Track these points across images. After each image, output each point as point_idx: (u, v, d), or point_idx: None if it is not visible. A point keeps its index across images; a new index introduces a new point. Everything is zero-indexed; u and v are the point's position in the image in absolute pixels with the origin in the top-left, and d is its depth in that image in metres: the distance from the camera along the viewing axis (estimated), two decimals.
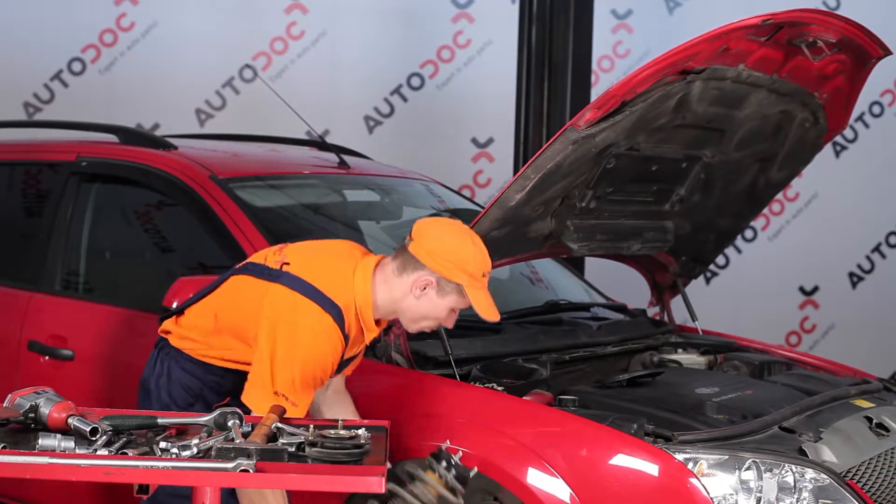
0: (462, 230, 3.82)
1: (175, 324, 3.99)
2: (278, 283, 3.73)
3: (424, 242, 3.73)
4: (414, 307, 3.77)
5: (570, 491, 3.81)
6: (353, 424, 3.11)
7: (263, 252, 3.99)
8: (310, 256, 3.85)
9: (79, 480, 2.83)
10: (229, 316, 3.87)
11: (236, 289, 3.89)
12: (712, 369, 5.03)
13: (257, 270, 3.85)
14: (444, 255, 3.70)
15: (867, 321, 9.26)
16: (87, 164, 5.39)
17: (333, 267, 3.80)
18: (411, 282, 3.73)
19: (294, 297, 3.69)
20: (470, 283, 3.71)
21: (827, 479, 3.88)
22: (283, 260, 3.82)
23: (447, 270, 3.69)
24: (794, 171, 5.17)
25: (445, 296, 3.74)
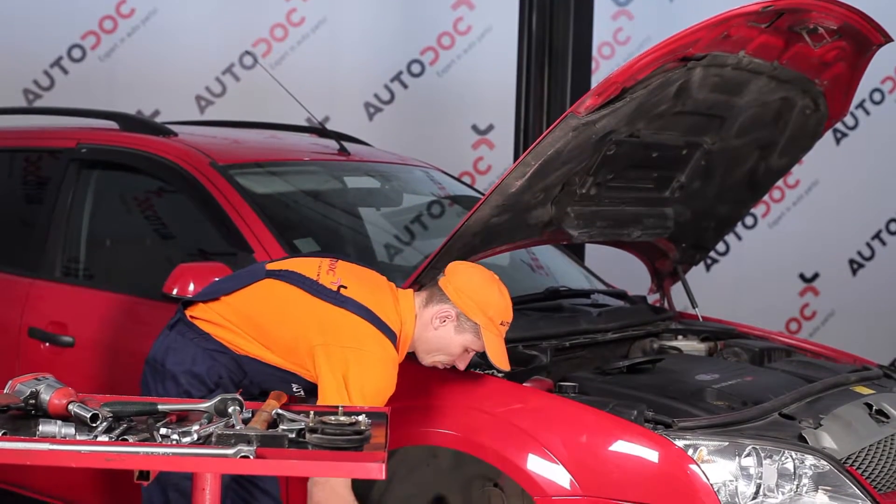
0: (492, 278, 3.96)
1: (207, 311, 3.94)
2: (344, 309, 3.78)
3: (454, 279, 3.90)
4: (431, 339, 3.90)
5: (570, 477, 3.81)
6: (354, 411, 3.10)
7: (309, 263, 3.97)
8: (362, 282, 3.92)
9: (79, 467, 2.83)
10: (273, 325, 3.85)
11: (281, 298, 3.87)
12: (712, 356, 5.03)
13: (311, 287, 3.85)
14: (469, 293, 3.86)
15: (867, 308, 9.26)
16: (86, 150, 5.39)
17: (383, 295, 3.91)
18: (433, 313, 3.87)
19: (361, 324, 3.77)
20: (487, 326, 3.85)
21: (827, 466, 3.88)
22: (340, 283, 3.86)
23: (468, 308, 3.84)
24: (795, 158, 5.17)
25: (462, 333, 3.87)
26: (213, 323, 3.89)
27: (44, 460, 2.76)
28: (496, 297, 3.90)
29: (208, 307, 3.93)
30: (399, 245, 5.60)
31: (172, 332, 3.97)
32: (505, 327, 3.93)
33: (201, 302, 3.97)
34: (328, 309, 3.79)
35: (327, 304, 3.80)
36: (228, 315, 3.89)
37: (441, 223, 5.64)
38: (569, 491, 3.81)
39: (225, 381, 3.86)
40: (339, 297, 3.81)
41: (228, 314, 3.89)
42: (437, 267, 4.25)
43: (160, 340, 4.00)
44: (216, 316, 3.90)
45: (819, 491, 3.87)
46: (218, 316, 3.90)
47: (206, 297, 3.98)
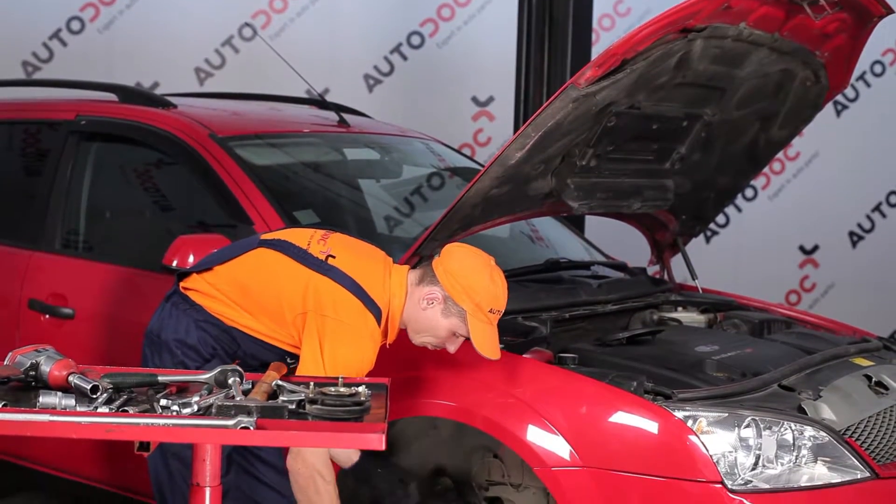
0: (486, 264, 3.86)
1: (200, 282, 3.95)
2: (326, 277, 3.77)
3: (446, 261, 3.83)
4: (420, 319, 3.85)
5: (570, 448, 3.82)
6: (354, 382, 3.11)
7: (301, 234, 3.97)
8: (353, 254, 3.90)
9: (80, 438, 2.84)
10: (262, 292, 3.85)
11: (270, 266, 3.87)
12: (712, 327, 5.04)
13: (298, 255, 3.84)
14: (458, 277, 3.79)
15: (867, 280, 9.26)
16: (86, 122, 5.39)
17: (374, 269, 3.86)
18: (423, 293, 3.81)
19: (342, 293, 3.74)
20: (473, 312, 3.78)
21: (826, 437, 3.90)
22: (329, 252, 3.84)
23: (456, 293, 3.78)
24: (795, 129, 5.16)
25: (448, 317, 3.81)
26: (204, 294, 3.90)
27: (44, 431, 2.76)
28: (486, 283, 3.81)
29: (201, 278, 3.94)
30: (399, 217, 5.59)
31: (168, 303, 3.98)
32: (495, 315, 3.83)
33: (195, 273, 3.97)
34: (311, 276, 3.78)
35: (311, 271, 3.79)
36: (219, 285, 3.89)
37: (441, 195, 5.63)
38: (568, 462, 3.82)
39: (219, 352, 3.87)
40: (323, 266, 3.80)
41: (219, 284, 3.90)
42: (437, 239, 4.25)
43: (157, 312, 4.01)
44: (207, 287, 3.91)
45: (818, 462, 3.89)
46: (209, 286, 3.90)
47: (200, 267, 3.99)
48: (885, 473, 3.98)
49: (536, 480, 3.99)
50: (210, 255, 4.11)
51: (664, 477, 3.73)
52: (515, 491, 4.20)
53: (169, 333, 3.90)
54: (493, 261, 3.89)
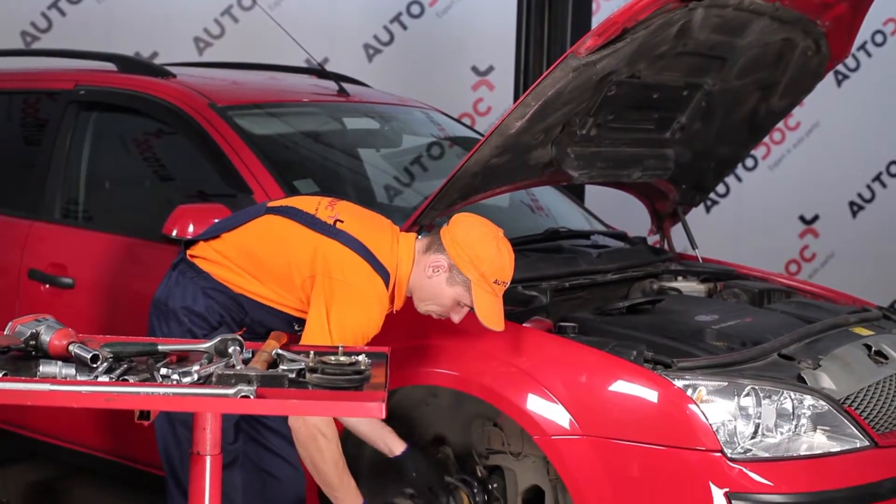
0: (493, 234, 3.86)
1: (207, 249, 3.95)
2: (335, 240, 3.77)
3: (454, 230, 3.83)
4: (425, 287, 3.85)
5: (570, 417, 3.83)
6: (354, 351, 3.11)
7: (309, 200, 3.97)
8: (361, 219, 3.90)
9: (80, 407, 2.84)
10: (270, 258, 3.85)
11: (278, 232, 3.87)
12: (712, 297, 5.04)
13: (307, 220, 3.85)
14: (464, 246, 3.78)
15: (867, 250, 9.27)
16: (85, 92, 5.38)
17: (382, 234, 3.87)
18: (429, 261, 3.81)
19: (350, 256, 3.75)
20: (478, 282, 3.78)
21: (825, 406, 3.90)
22: (337, 217, 3.85)
23: (461, 262, 3.77)
24: (796, 99, 5.15)
25: (453, 286, 3.81)
26: (211, 261, 3.90)
27: (44, 401, 2.76)
28: (492, 253, 3.81)
29: (208, 245, 3.94)
30: (399, 186, 5.58)
31: (175, 272, 3.98)
32: (500, 286, 3.83)
33: (202, 241, 3.97)
34: (320, 240, 3.78)
35: (320, 235, 3.79)
36: (226, 252, 3.89)
37: (441, 164, 5.63)
38: (568, 430, 3.82)
39: (227, 320, 3.88)
40: (332, 230, 3.80)
41: (226, 251, 3.90)
42: (437, 208, 4.25)
43: (164, 281, 4.01)
44: (214, 254, 3.91)
45: (817, 431, 3.90)
46: (216, 254, 3.90)
47: (206, 235, 3.99)
48: (885, 442, 3.99)
49: (536, 449, 4.00)
50: (216, 223, 4.11)
51: (664, 445, 3.74)
52: (515, 459, 4.21)
53: (176, 302, 3.90)
54: (502, 233, 3.89)
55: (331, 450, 3.75)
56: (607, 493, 3.78)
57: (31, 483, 5.92)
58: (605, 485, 3.78)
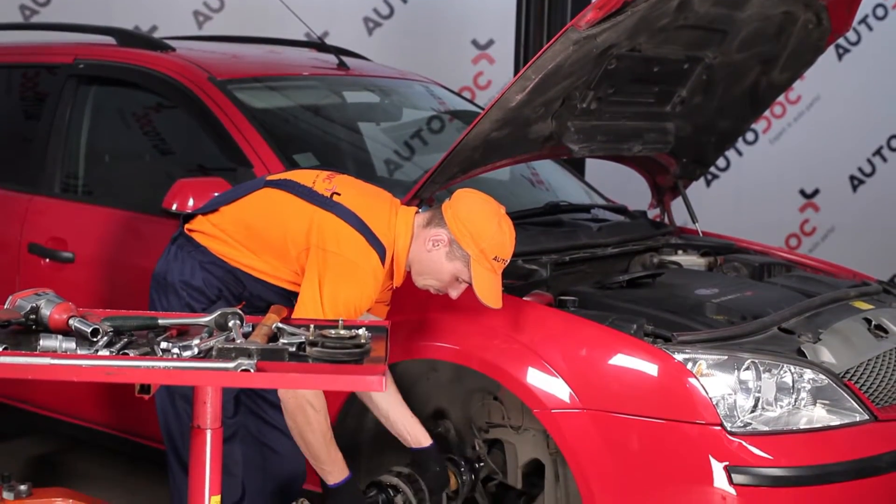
0: (495, 211, 3.85)
1: (205, 223, 3.94)
2: (330, 213, 3.76)
3: (455, 205, 3.81)
4: (424, 261, 3.83)
5: (570, 390, 3.83)
6: (354, 325, 3.11)
7: (307, 174, 3.97)
8: (359, 192, 3.89)
9: (80, 381, 2.84)
10: (266, 230, 3.85)
11: (275, 205, 3.86)
12: (712, 270, 5.04)
13: (303, 192, 3.84)
14: (465, 221, 3.77)
15: (867, 224, 9.26)
16: (84, 66, 5.37)
17: (380, 207, 3.85)
18: (429, 235, 3.80)
19: (346, 228, 3.73)
20: (477, 258, 3.76)
21: (825, 380, 3.91)
22: (334, 189, 3.84)
23: (462, 236, 3.76)
24: (796, 73, 5.13)
25: (452, 260, 3.80)
26: (209, 235, 3.90)
27: (45, 374, 2.76)
28: (493, 230, 3.79)
29: (206, 219, 3.94)
30: (399, 160, 5.58)
31: (173, 246, 3.98)
32: (500, 264, 3.81)
33: (200, 215, 3.97)
34: (315, 212, 3.77)
35: (316, 207, 3.79)
36: (224, 225, 3.89)
37: (441, 138, 5.62)
38: (568, 404, 3.83)
39: (225, 294, 3.88)
40: (328, 202, 3.79)
41: (224, 224, 3.89)
42: (437, 182, 4.24)
43: (163, 255, 4.01)
44: (212, 228, 3.90)
45: (817, 405, 3.90)
46: (214, 228, 3.90)
47: (205, 209, 3.99)
48: (884, 416, 3.99)
49: (536, 423, 4.00)
50: (215, 197, 4.11)
51: (663, 419, 3.75)
52: (515, 433, 4.22)
53: (175, 276, 3.90)
54: (504, 210, 3.88)
55: (319, 421, 3.76)
56: (607, 467, 3.78)
57: (33, 457, 5.93)
58: (605, 458, 3.79)
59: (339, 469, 3.88)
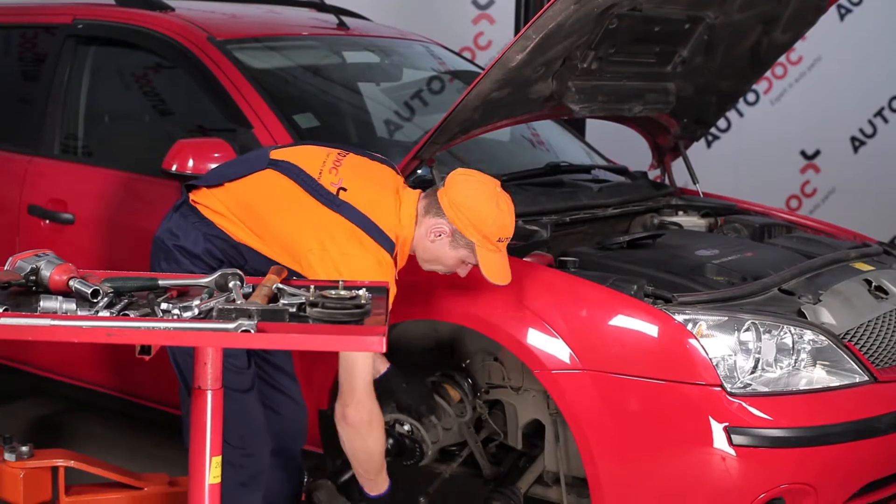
0: (491, 191, 3.78)
1: (211, 198, 3.87)
2: (338, 214, 3.69)
3: (451, 192, 3.75)
4: (428, 249, 3.80)
5: (570, 351, 3.84)
6: (354, 285, 3.11)
7: (313, 157, 3.86)
8: (365, 183, 3.80)
9: (81, 342, 2.84)
10: (272, 221, 3.78)
11: (281, 195, 3.79)
12: (712, 232, 5.04)
13: (310, 186, 3.75)
14: (464, 210, 3.72)
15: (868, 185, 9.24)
16: (83, 26, 5.35)
17: (386, 199, 3.78)
18: (430, 225, 3.76)
19: (355, 232, 3.67)
20: (482, 244, 3.73)
21: (825, 341, 3.91)
22: (340, 184, 3.75)
23: (463, 226, 3.72)
24: (798, 33, 5.11)
25: (457, 248, 3.77)
26: (214, 210, 3.85)
27: (45, 336, 2.76)
28: (494, 213, 3.73)
29: (211, 193, 3.87)
30: (399, 121, 5.56)
31: (177, 213, 3.92)
32: (504, 243, 3.78)
33: (205, 188, 3.92)
34: (323, 213, 3.70)
35: (323, 206, 3.71)
36: (229, 203, 3.84)
37: (441, 98, 5.60)
38: (568, 365, 3.83)
39: (225, 266, 3.86)
40: (335, 202, 3.72)
41: (229, 202, 3.84)
42: (437, 142, 4.23)
43: (165, 221, 3.95)
44: (217, 203, 3.85)
45: (817, 366, 3.91)
46: (219, 203, 3.85)
47: (209, 182, 3.92)
48: (884, 377, 4.00)
49: (536, 383, 4.01)
50: (218, 169, 4.03)
51: (663, 380, 3.76)
52: (515, 394, 4.23)
53: (178, 241, 3.85)
54: (499, 185, 3.83)
55: (383, 433, 3.78)
56: (607, 427, 3.79)
57: (35, 419, 5.95)
58: (605, 419, 3.80)
59: (384, 479, 3.92)
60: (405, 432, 4.21)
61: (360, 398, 3.67)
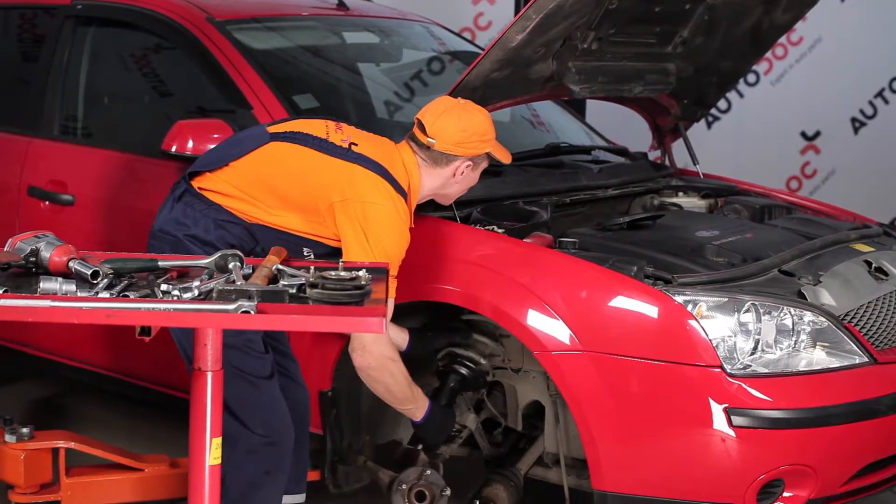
0: (465, 108, 3.94)
1: (218, 181, 3.87)
2: (358, 165, 3.78)
3: (448, 137, 3.86)
4: (456, 189, 3.99)
5: (570, 332, 3.83)
6: (354, 266, 3.10)
7: (314, 124, 3.93)
8: (370, 140, 3.93)
9: (81, 323, 2.84)
10: (290, 187, 3.81)
11: (294, 160, 3.83)
12: (713, 213, 5.04)
13: (322, 145, 3.82)
14: (469, 139, 3.87)
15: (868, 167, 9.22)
16: (82, 7, 5.33)
17: (390, 152, 3.91)
18: (451, 172, 3.91)
19: (377, 179, 3.77)
20: (493, 146, 3.91)
21: (825, 322, 3.91)
22: (350, 140, 3.85)
23: (476, 149, 3.88)
24: (799, 13, 5.10)
25: (477, 167, 3.95)
26: (221, 193, 3.83)
27: (45, 317, 2.76)
28: (482, 120, 3.91)
29: (215, 176, 3.87)
30: (399, 101, 5.56)
31: (179, 203, 3.88)
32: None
33: (208, 172, 3.90)
34: (343, 165, 3.78)
35: (341, 160, 3.79)
36: (238, 182, 3.83)
37: (441, 79, 5.59)
38: (568, 346, 3.83)
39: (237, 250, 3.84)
40: (351, 154, 3.80)
41: (238, 181, 3.83)
42: None
43: (166, 211, 3.91)
44: (225, 185, 3.84)
45: (817, 347, 3.91)
46: (226, 185, 3.83)
47: (211, 165, 3.90)
48: (884, 359, 4.01)
49: (536, 364, 4.01)
50: (215, 151, 4.02)
51: (663, 361, 3.76)
52: (515, 375, 4.23)
53: (187, 233, 3.82)
54: (458, 100, 3.98)
55: (401, 369, 3.87)
56: (607, 409, 3.80)
57: (34, 400, 5.95)
58: (605, 400, 3.80)
59: (422, 401, 4.01)
60: (460, 364, 4.22)
61: (365, 345, 3.78)
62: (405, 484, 4.07)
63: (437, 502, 4.05)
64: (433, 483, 4.06)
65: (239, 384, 3.74)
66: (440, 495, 4.05)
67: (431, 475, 4.07)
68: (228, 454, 3.71)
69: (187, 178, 3.92)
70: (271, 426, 3.83)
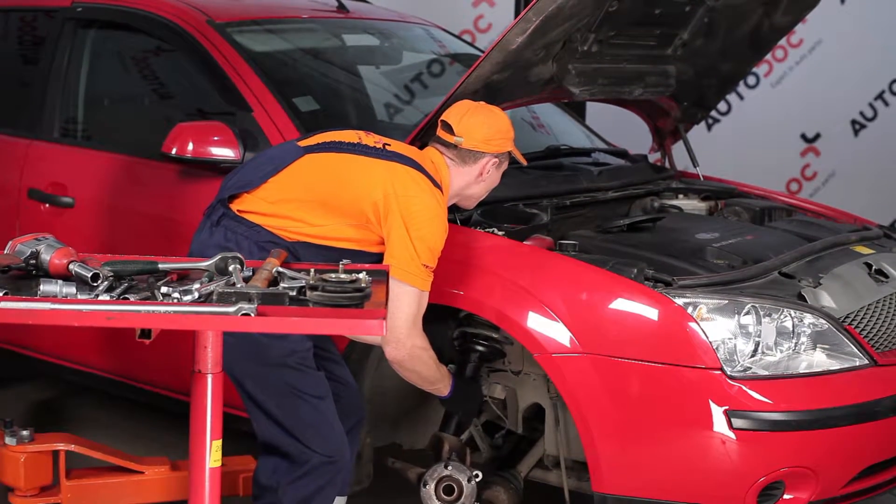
0: (487, 107, 4.01)
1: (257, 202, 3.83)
2: (396, 162, 3.83)
3: (476, 135, 3.92)
4: (480, 189, 4.04)
5: (570, 334, 3.83)
6: (355, 268, 3.10)
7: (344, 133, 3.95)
8: (399, 143, 4.00)
9: (81, 326, 2.84)
10: (335, 194, 3.80)
11: (335, 167, 3.84)
12: (713, 215, 5.04)
13: (358, 149, 3.87)
14: (496, 136, 3.94)
15: (868, 169, 9.23)
16: (82, 9, 5.33)
17: (421, 154, 3.98)
18: (478, 170, 3.97)
19: (415, 174, 3.82)
20: (513, 146, 3.98)
21: (825, 325, 3.91)
22: (383, 141, 3.93)
23: (501, 146, 3.96)
24: (799, 16, 5.11)
25: (500, 165, 4.01)
26: (260, 213, 3.81)
27: (46, 319, 2.76)
28: (505, 119, 3.99)
29: (253, 197, 3.83)
30: (399, 104, 5.56)
31: (219, 227, 3.83)
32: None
33: (245, 194, 3.85)
34: (382, 164, 3.82)
35: (379, 160, 3.83)
36: (277, 197, 3.81)
37: (441, 81, 5.59)
38: (568, 348, 3.83)
39: None
40: (387, 153, 3.86)
41: (276, 196, 3.81)
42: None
43: (205, 236, 3.84)
44: (264, 205, 3.81)
45: (817, 349, 3.91)
46: (265, 204, 3.81)
47: (248, 186, 3.85)
48: (884, 361, 4.00)
49: (537, 367, 4.01)
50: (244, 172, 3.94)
51: (664, 363, 3.75)
52: (516, 377, 4.23)
53: None
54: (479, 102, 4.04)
55: (431, 356, 3.90)
56: (607, 411, 3.79)
57: (35, 402, 5.95)
58: (605, 402, 3.80)
59: (447, 377, 4.03)
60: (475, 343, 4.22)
61: (398, 337, 3.77)
62: (430, 482, 4.07)
63: (465, 491, 4.05)
64: (458, 473, 4.05)
65: (298, 404, 3.79)
66: (468, 482, 4.05)
67: (455, 466, 4.07)
68: (288, 472, 3.82)
69: (225, 202, 3.87)
70: (330, 445, 3.84)
